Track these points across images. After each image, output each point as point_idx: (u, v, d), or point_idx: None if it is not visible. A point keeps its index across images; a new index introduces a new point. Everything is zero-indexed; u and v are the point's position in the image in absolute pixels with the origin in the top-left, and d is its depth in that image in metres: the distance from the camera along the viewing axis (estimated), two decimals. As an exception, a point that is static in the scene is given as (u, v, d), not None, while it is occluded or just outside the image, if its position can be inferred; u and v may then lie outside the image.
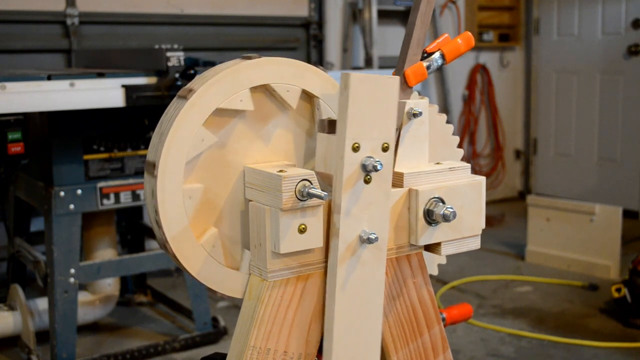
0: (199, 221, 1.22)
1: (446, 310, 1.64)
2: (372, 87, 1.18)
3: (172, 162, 1.17)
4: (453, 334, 3.11)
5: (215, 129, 1.22)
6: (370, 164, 1.18)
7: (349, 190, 1.19)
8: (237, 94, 1.22)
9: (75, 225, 2.73)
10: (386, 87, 1.19)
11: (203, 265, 1.22)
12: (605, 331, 3.19)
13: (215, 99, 1.20)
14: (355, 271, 1.22)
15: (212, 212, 1.24)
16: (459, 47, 1.35)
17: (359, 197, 1.20)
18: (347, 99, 1.16)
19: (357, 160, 1.18)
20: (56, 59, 3.85)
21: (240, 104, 1.22)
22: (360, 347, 1.25)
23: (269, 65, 1.25)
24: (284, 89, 1.27)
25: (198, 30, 4.32)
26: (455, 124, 5.68)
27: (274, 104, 1.29)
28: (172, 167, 1.17)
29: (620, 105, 5.35)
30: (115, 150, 2.82)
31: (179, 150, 1.17)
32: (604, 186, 5.47)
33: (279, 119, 1.30)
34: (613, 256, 3.89)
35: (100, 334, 3.21)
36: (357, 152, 1.18)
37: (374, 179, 1.20)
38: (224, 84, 1.21)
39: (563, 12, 5.70)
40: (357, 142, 1.18)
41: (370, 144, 1.19)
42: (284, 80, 1.26)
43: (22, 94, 2.29)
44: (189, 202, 1.20)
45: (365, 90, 1.17)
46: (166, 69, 2.55)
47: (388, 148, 1.21)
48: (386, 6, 4.99)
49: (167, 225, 1.18)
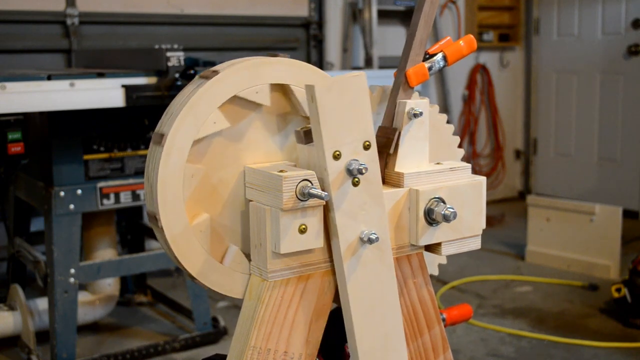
0: (196, 203, 1.22)
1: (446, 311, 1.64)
2: (338, 91, 1.16)
3: (181, 136, 1.17)
4: (453, 334, 3.12)
5: (230, 118, 1.22)
6: (355, 168, 1.18)
7: (340, 194, 1.19)
8: (257, 87, 1.23)
9: (75, 225, 2.73)
10: (353, 86, 1.18)
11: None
12: (605, 331, 3.18)
13: (235, 85, 1.21)
14: (357, 272, 1.22)
15: (212, 199, 1.23)
16: (461, 50, 1.35)
17: (351, 199, 1.20)
18: (317, 110, 1.15)
19: (340, 167, 1.18)
20: (56, 59, 3.85)
21: (257, 96, 1.23)
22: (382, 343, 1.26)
23: (293, 67, 1.26)
24: (303, 94, 1.27)
25: (198, 30, 4.32)
26: (455, 124, 5.68)
27: (290, 107, 1.29)
28: (181, 141, 1.17)
29: (620, 105, 5.35)
30: (115, 150, 2.82)
31: (190, 126, 1.18)
32: (604, 186, 5.47)
33: (295, 123, 1.30)
34: (613, 256, 3.89)
35: (100, 334, 3.21)
36: (339, 160, 1.18)
37: (362, 181, 1.20)
38: (246, 73, 1.22)
39: (563, 12, 5.70)
40: (337, 150, 1.17)
41: (350, 148, 1.18)
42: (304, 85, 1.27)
43: (22, 94, 2.29)
44: (189, 180, 1.20)
45: (332, 97, 1.16)
46: (166, 69, 2.55)
47: (370, 145, 1.20)
48: (386, 6, 4.99)
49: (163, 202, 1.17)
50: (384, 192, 1.24)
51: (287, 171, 1.18)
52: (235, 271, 1.25)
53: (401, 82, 1.32)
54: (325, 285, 1.26)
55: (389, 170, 1.31)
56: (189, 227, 1.20)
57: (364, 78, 1.18)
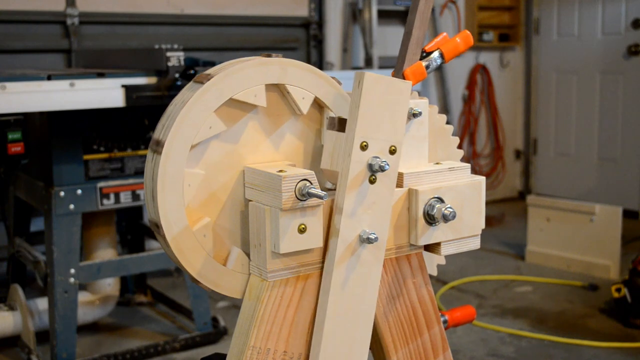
0: (196, 208, 1.22)
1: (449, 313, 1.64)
2: (384, 88, 1.19)
3: (178, 143, 1.17)
4: (453, 334, 3.12)
5: (227, 120, 1.22)
6: (377, 164, 1.18)
7: (354, 188, 1.19)
8: (252, 89, 1.22)
9: (75, 225, 2.73)
10: (399, 90, 1.21)
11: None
12: (605, 331, 3.18)
13: (231, 88, 1.21)
14: (353, 270, 1.22)
15: (212, 202, 1.24)
16: (457, 46, 1.35)
17: (362, 196, 1.20)
18: (360, 97, 1.17)
19: (364, 159, 1.19)
20: (56, 59, 3.85)
21: (254, 98, 1.23)
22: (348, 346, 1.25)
23: (288, 67, 1.26)
24: (299, 93, 1.27)
25: (198, 30, 4.32)
26: (455, 124, 5.68)
27: (286, 107, 1.29)
28: (178, 147, 1.17)
29: (620, 105, 5.35)
30: (115, 150, 2.82)
31: (187, 131, 1.18)
32: (604, 186, 5.47)
33: (290, 122, 1.30)
34: (613, 256, 3.89)
35: (100, 334, 3.21)
36: (365, 151, 1.18)
37: (379, 179, 1.20)
38: (241, 75, 1.21)
39: (563, 12, 5.70)
40: (365, 141, 1.18)
41: (378, 145, 1.19)
42: (300, 85, 1.27)
43: (22, 94, 2.29)
44: (188, 186, 1.20)
45: (378, 90, 1.18)
46: (166, 69, 2.55)
47: (395, 151, 1.21)
48: (386, 6, 4.99)
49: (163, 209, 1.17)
50: (383, 192, 1.24)
51: (287, 171, 1.18)
52: (235, 272, 1.25)
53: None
54: (324, 285, 1.26)
55: (388, 170, 1.31)
56: (190, 231, 1.20)
57: (410, 86, 1.21)
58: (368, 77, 1.17)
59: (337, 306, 1.22)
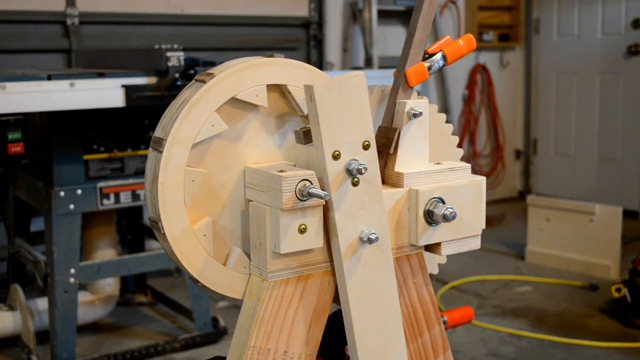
0: (197, 207, 1.22)
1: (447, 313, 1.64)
2: (338, 90, 1.16)
3: (179, 141, 1.17)
4: (453, 334, 3.11)
5: (228, 120, 1.22)
6: (355, 168, 1.18)
7: (340, 194, 1.19)
8: (254, 88, 1.22)
9: (75, 225, 2.73)
10: (352, 86, 1.18)
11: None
12: (605, 331, 3.18)
13: (232, 88, 1.21)
14: (357, 272, 1.22)
15: (212, 201, 1.23)
16: (460, 49, 1.35)
17: (351, 199, 1.20)
18: (316, 110, 1.15)
19: (340, 167, 1.18)
20: (56, 59, 3.85)
21: (255, 98, 1.23)
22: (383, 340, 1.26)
23: (290, 67, 1.26)
24: (300, 93, 1.27)
25: (198, 30, 4.32)
26: (455, 124, 5.68)
27: (287, 107, 1.29)
28: (179, 145, 1.17)
29: (620, 105, 5.35)
30: (115, 150, 2.82)
31: (188, 130, 1.18)
32: (604, 186, 5.46)
33: (292, 122, 1.30)
34: (613, 256, 3.89)
35: (100, 334, 3.20)
36: (338, 160, 1.17)
37: (361, 181, 1.20)
38: (243, 75, 1.21)
39: (563, 12, 5.70)
40: (336, 150, 1.17)
41: (350, 148, 1.18)
42: (302, 85, 1.27)
43: (22, 94, 2.29)
44: (189, 185, 1.20)
45: (332, 96, 1.16)
46: (166, 69, 2.55)
47: (369, 145, 1.20)
48: (386, 6, 4.99)
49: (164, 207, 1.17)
50: (383, 192, 1.24)
51: (287, 171, 1.18)
52: (236, 272, 1.25)
53: (401, 82, 1.32)
54: (325, 285, 1.26)
55: (388, 170, 1.31)
56: (191, 230, 1.20)
57: (363, 78, 1.18)
58: (317, 87, 1.14)
59: (359, 305, 1.23)
